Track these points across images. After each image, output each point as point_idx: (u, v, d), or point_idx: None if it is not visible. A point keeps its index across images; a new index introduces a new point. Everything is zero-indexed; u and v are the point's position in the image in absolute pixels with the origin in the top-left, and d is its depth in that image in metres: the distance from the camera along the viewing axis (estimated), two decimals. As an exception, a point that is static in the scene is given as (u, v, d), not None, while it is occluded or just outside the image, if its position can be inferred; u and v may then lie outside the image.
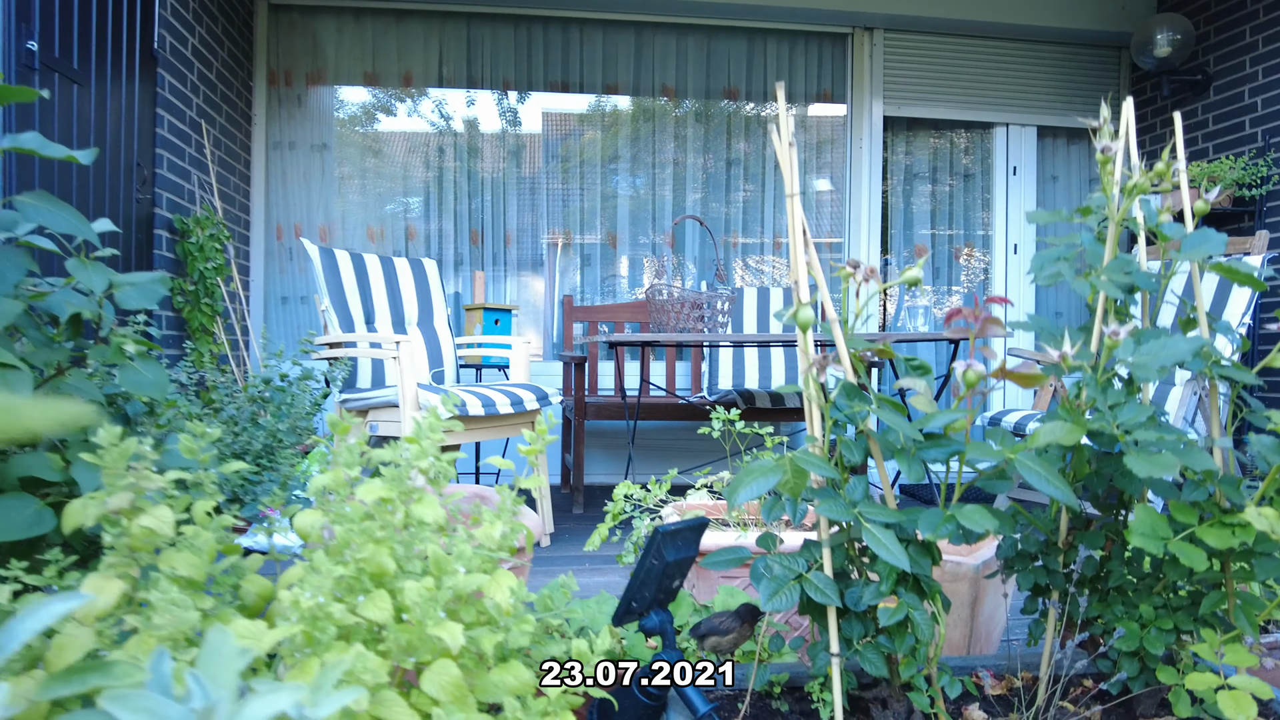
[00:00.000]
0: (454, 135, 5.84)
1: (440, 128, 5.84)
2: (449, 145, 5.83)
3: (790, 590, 1.29)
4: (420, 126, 5.82)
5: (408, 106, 5.79)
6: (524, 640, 1.13)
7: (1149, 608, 1.41)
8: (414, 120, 5.81)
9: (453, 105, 5.82)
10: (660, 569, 1.34)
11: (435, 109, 5.82)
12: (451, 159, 5.82)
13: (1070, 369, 1.26)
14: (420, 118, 5.82)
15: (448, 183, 5.79)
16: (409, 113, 5.80)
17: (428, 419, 1.29)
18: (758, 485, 1.23)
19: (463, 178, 5.80)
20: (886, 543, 1.19)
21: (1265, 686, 1.17)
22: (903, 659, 1.34)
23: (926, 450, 1.27)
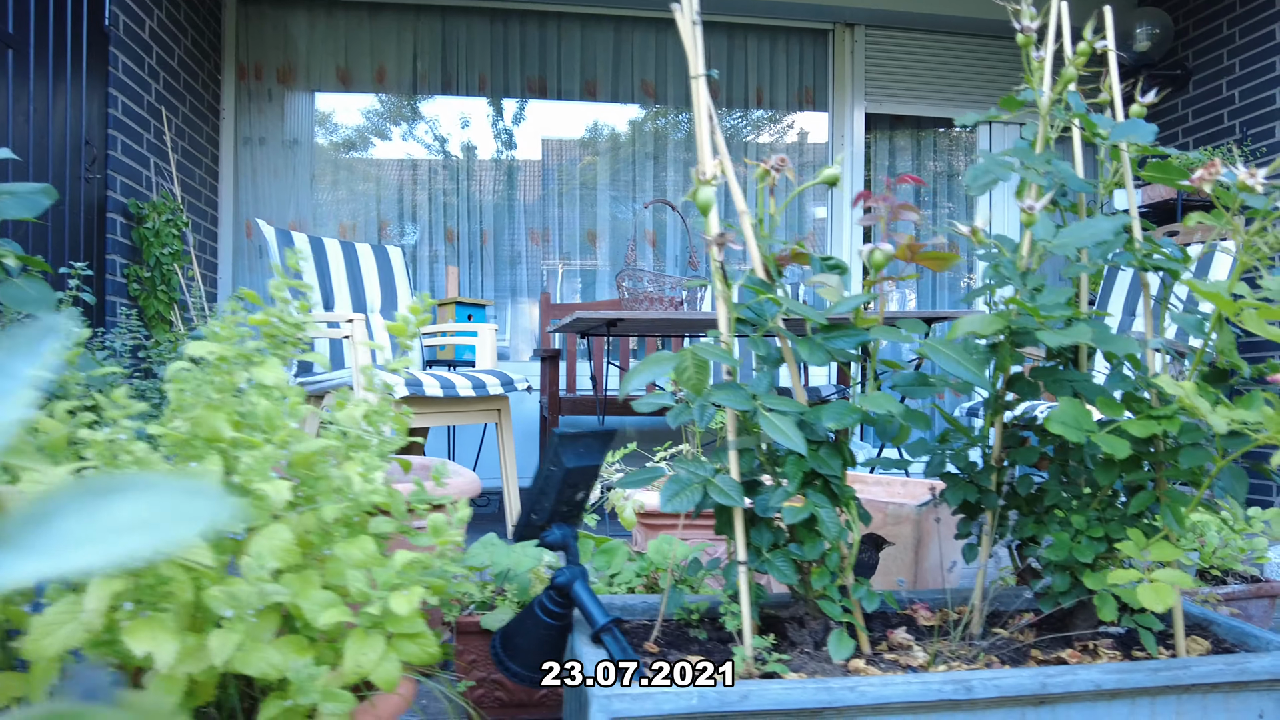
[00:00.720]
0: (429, 131, 5.80)
1: (415, 124, 5.80)
2: (424, 141, 5.79)
3: (692, 492, 1.21)
4: (394, 123, 5.78)
5: (381, 102, 5.75)
6: (388, 526, 1.05)
7: (1081, 518, 1.33)
8: (388, 116, 5.77)
9: (427, 101, 5.79)
10: (560, 476, 1.26)
11: (409, 105, 5.79)
12: (426, 155, 5.78)
13: (981, 243, 1.19)
14: (394, 114, 5.78)
15: (422, 179, 5.74)
16: (382, 109, 5.76)
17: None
18: (651, 372, 1.15)
19: (438, 174, 5.76)
20: (783, 427, 1.11)
21: (1184, 576, 1.09)
22: (814, 568, 1.26)
23: (832, 338, 1.20)
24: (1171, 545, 1.17)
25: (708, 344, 1.19)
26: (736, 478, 1.27)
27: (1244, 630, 1.40)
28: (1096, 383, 1.35)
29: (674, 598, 1.40)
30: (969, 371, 1.10)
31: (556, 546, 1.30)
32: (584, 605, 1.26)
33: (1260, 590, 2.02)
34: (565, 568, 1.29)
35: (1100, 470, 1.29)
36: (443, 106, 5.81)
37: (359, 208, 5.68)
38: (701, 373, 1.21)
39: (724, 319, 1.26)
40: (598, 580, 1.86)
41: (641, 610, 1.49)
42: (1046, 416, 1.18)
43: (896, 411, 1.10)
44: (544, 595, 1.31)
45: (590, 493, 1.34)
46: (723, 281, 1.21)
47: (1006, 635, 1.40)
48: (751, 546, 1.29)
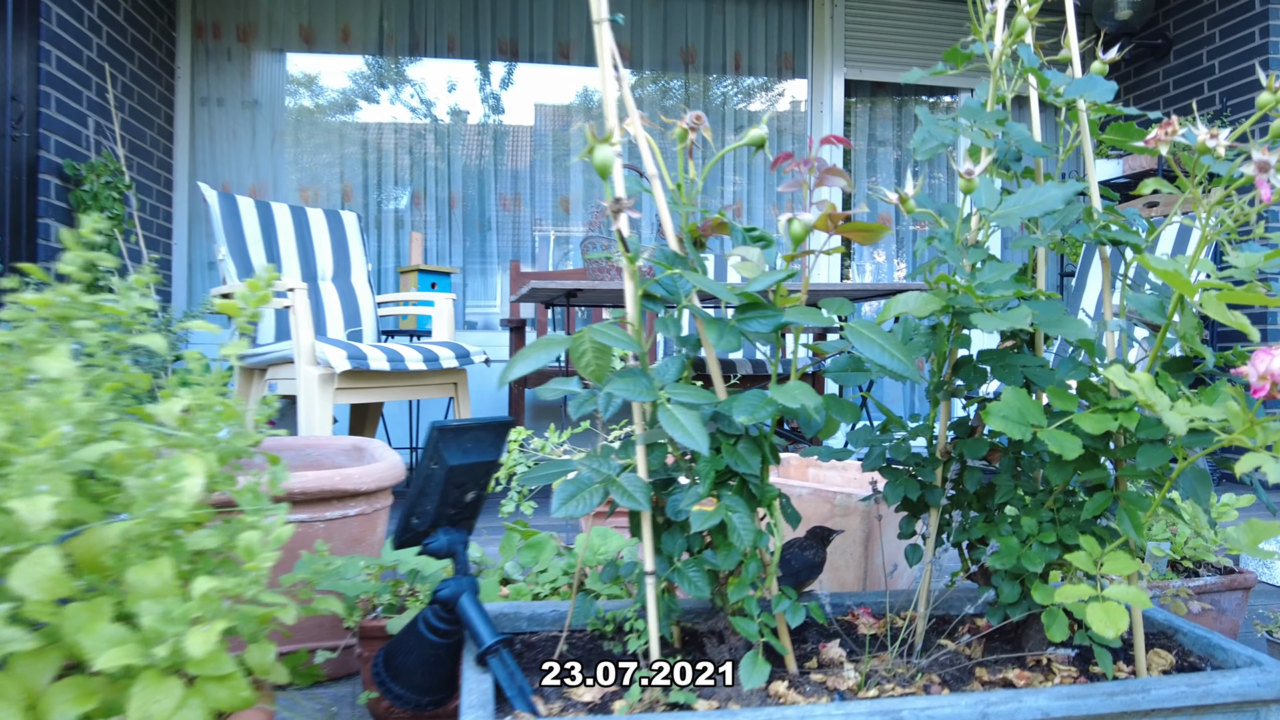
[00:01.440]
0: (396, 94, 5.60)
1: (382, 87, 5.60)
2: (391, 105, 5.59)
3: (591, 494, 1.07)
4: (360, 85, 5.58)
5: (346, 64, 5.54)
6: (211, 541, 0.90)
7: (1032, 520, 1.19)
8: (353, 78, 5.56)
9: (394, 63, 5.58)
10: (442, 475, 1.12)
11: (376, 67, 5.58)
12: (393, 119, 5.58)
13: (910, 213, 1.04)
14: (360, 76, 5.57)
15: (388, 144, 5.54)
16: (348, 70, 5.55)
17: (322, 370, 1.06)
18: (539, 357, 1.00)
19: (405, 138, 5.56)
20: (685, 423, 0.97)
21: (1141, 594, 0.95)
22: (731, 579, 1.12)
23: (747, 320, 1.05)
24: (1129, 557, 1.03)
25: (606, 326, 1.04)
26: (645, 477, 1.12)
27: (1211, 642, 1.27)
28: (1050, 369, 1.20)
29: (584, 606, 1.26)
30: (895, 360, 0.95)
31: (442, 554, 1.16)
32: (470, 622, 1.12)
33: (1234, 582, 1.90)
34: (451, 579, 1.15)
35: (1053, 469, 1.15)
36: (410, 69, 5.60)
37: (322, 172, 5.48)
38: (602, 358, 1.07)
39: (630, 296, 1.11)
40: (523, 578, 1.73)
41: (552, 620, 1.35)
42: (984, 409, 1.03)
43: (811, 405, 0.95)
44: (428, 610, 1.17)
45: (484, 492, 1.19)
46: (625, 253, 1.06)
47: (952, 649, 1.27)
48: (663, 554, 1.15)
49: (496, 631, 1.12)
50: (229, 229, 3.53)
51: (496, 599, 1.66)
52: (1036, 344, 1.34)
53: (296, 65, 5.50)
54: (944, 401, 1.29)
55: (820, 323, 1.01)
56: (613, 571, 1.29)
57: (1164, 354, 1.08)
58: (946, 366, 1.27)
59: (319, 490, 1.80)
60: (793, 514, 1.23)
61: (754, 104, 6.19)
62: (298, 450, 2.43)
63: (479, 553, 1.84)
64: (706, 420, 1.12)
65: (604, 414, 1.10)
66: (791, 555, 1.38)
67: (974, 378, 1.24)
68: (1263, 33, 4.77)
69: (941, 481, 1.30)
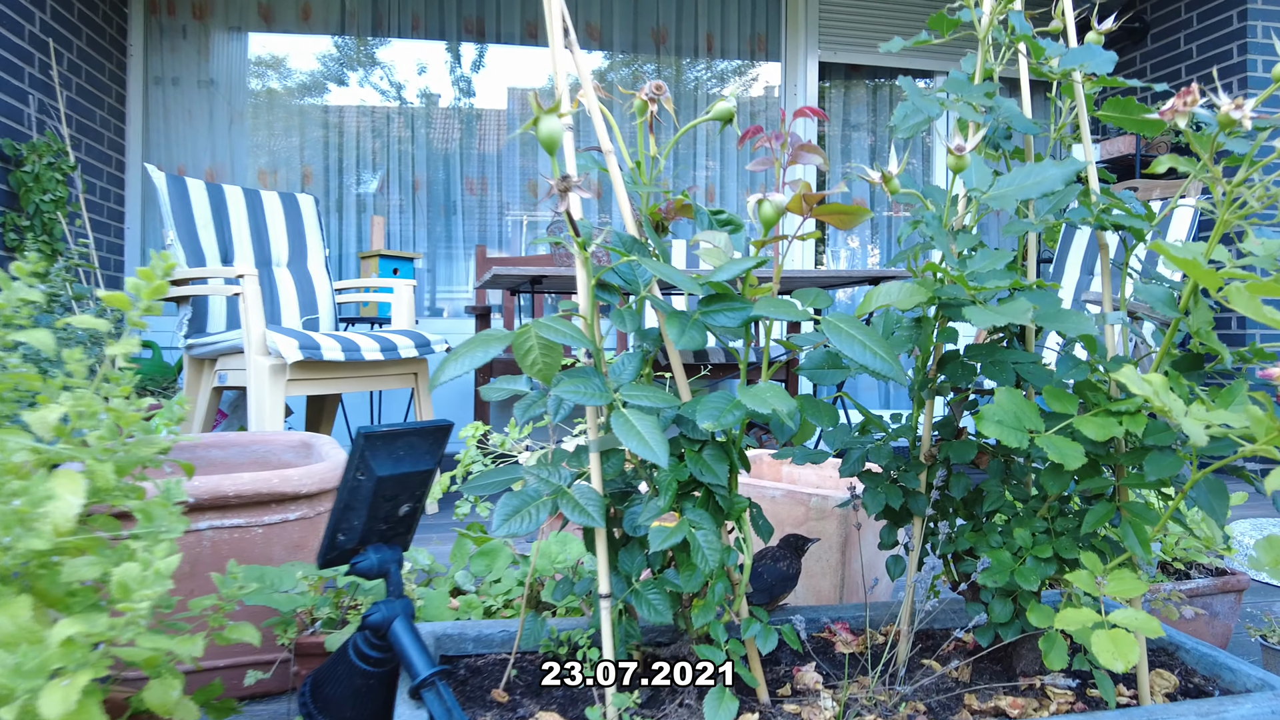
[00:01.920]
0: (359, 75, 5.42)
1: (344, 67, 5.42)
2: (353, 86, 5.41)
3: (537, 509, 0.95)
4: (322, 65, 5.39)
5: (307, 43, 5.35)
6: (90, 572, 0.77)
7: (1026, 532, 1.09)
8: (314, 58, 5.38)
9: (356, 42, 5.40)
10: (370, 487, 0.99)
11: (337, 46, 5.39)
12: (356, 100, 5.40)
13: (894, 193, 0.92)
14: (321, 56, 5.39)
15: (350, 126, 5.37)
16: (308, 50, 5.36)
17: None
18: (474, 357, 0.88)
19: (368, 119, 5.39)
20: (641, 429, 0.85)
21: (1153, 621, 0.85)
22: (695, 601, 1.01)
23: (712, 313, 0.93)
24: (1134, 576, 0.93)
25: (554, 320, 0.92)
26: (599, 488, 1.00)
27: (1216, 660, 1.17)
28: (1045, 366, 1.10)
29: (534, 627, 1.14)
30: (877, 358, 0.84)
31: (372, 575, 1.03)
32: (403, 651, 1.00)
33: (1226, 585, 1.81)
34: (382, 602, 1.03)
35: (1049, 476, 1.04)
36: (373, 49, 5.43)
37: (282, 155, 5.30)
38: (551, 356, 0.95)
39: (582, 286, 0.99)
40: (474, 588, 1.61)
41: (501, 641, 1.23)
42: (978, 412, 0.92)
43: (783, 409, 0.83)
44: (358, 636, 1.05)
45: (421, 504, 1.07)
46: (575, 237, 0.93)
47: (938, 672, 1.16)
48: (620, 572, 1.04)
49: (433, 661, 1.00)
50: (178, 212, 3.37)
51: (445, 612, 1.54)
52: (1027, 338, 1.23)
53: (255, 44, 5.31)
54: (928, 401, 1.18)
55: (794, 315, 0.89)
56: (567, 587, 1.17)
57: (1173, 351, 0.97)
58: (931, 363, 1.16)
59: (255, 493, 1.67)
60: (764, 525, 1.12)
61: (727, 88, 6.06)
62: (242, 447, 2.29)
63: (429, 560, 1.71)
64: (668, 425, 1.00)
65: (553, 418, 0.99)
66: (763, 567, 1.27)
67: (961, 375, 1.14)
68: (1240, 16, 4.70)
69: (926, 488, 1.19)
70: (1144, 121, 1.14)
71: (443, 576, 1.69)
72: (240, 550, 1.65)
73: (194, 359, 3.30)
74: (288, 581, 1.50)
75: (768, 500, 1.67)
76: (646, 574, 1.10)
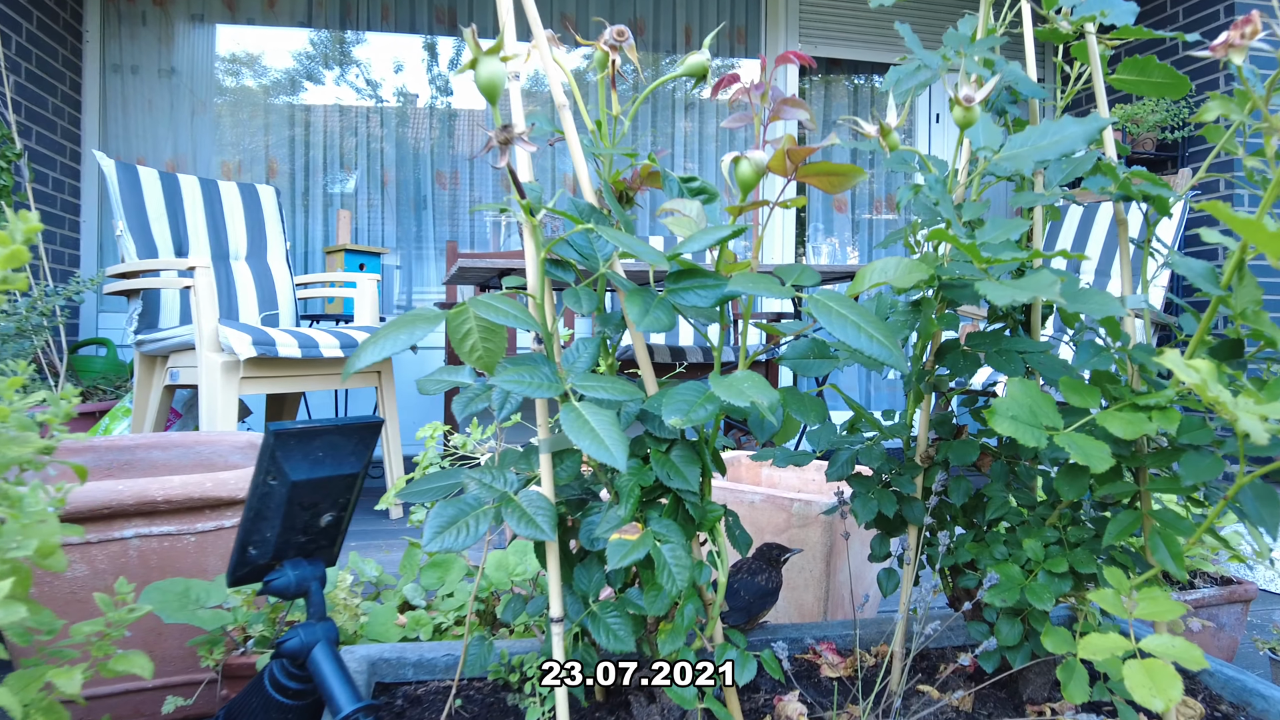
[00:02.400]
0: (326, 65, 5.25)
1: (310, 57, 5.25)
2: (320, 76, 5.25)
3: (476, 520, 0.81)
4: (287, 55, 5.22)
5: (272, 32, 5.18)
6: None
7: (1036, 543, 0.96)
8: (280, 48, 5.21)
9: (324, 32, 5.23)
10: (284, 493, 0.85)
11: (304, 36, 5.23)
12: (323, 91, 5.23)
13: (894, 149, 0.79)
14: (287, 45, 5.21)
15: (317, 117, 5.20)
16: (274, 39, 5.19)
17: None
18: (396, 340, 0.75)
19: (335, 111, 5.22)
20: (596, 426, 0.71)
21: (1194, 650, 0.72)
22: (662, 625, 0.87)
23: (682, 290, 0.80)
24: (1167, 598, 0.80)
25: (495, 298, 0.78)
26: (551, 494, 0.87)
27: (1244, 686, 1.05)
28: (1059, 356, 0.97)
29: (480, 652, 1.00)
30: (874, 342, 0.71)
31: (289, 594, 0.89)
32: (324, 682, 0.86)
33: (1233, 595, 1.70)
34: (301, 626, 0.89)
35: (1064, 480, 0.91)
36: (342, 39, 5.26)
37: (246, 147, 5.13)
38: (493, 340, 0.81)
39: (531, 261, 0.85)
40: (423, 604, 1.47)
41: (445, 666, 1.09)
42: (989, 406, 0.79)
43: (764, 402, 0.70)
44: (274, 664, 0.91)
45: (346, 513, 0.93)
46: (521, 200, 0.80)
47: (937, 701, 1.04)
48: (576, 592, 0.90)
49: (359, 695, 0.86)
50: (128, 202, 3.20)
51: (391, 630, 1.40)
52: (1033, 325, 1.11)
53: (219, 33, 5.13)
54: (926, 395, 1.06)
55: (776, 292, 0.76)
56: (519, 606, 1.03)
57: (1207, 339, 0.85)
58: (929, 352, 1.04)
59: (186, 498, 1.52)
60: (742, 536, 0.99)
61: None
62: (186, 448, 2.14)
63: (377, 571, 1.57)
64: (630, 422, 0.87)
65: (498, 413, 0.85)
66: (740, 582, 1.14)
67: (963, 366, 1.01)
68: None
69: (922, 493, 1.07)
70: (1165, 83, 1.02)
71: (392, 589, 1.55)
72: (170, 561, 1.51)
73: (144, 356, 3.14)
74: (216, 595, 1.36)
75: (746, 506, 1.54)
76: (609, 592, 0.97)
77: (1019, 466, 1.08)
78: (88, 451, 1.98)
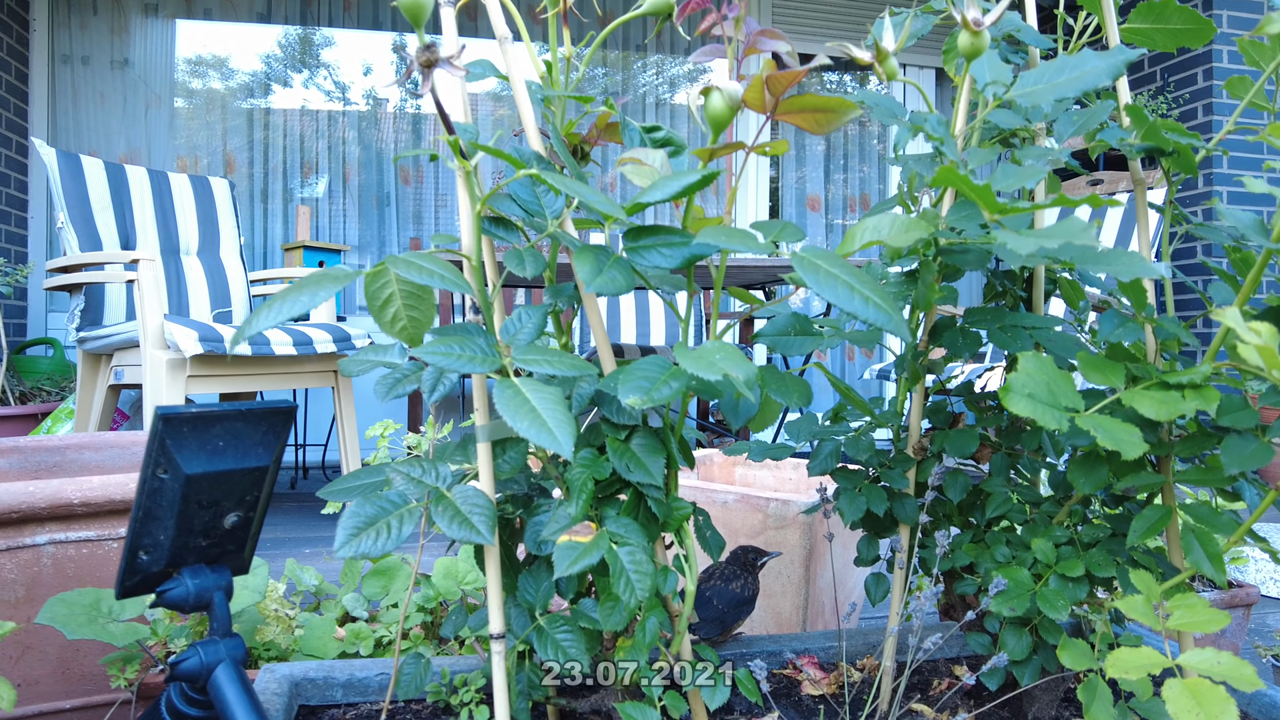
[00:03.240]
0: (284, 56, 5.09)
1: (269, 49, 5.09)
2: (278, 68, 5.09)
3: (400, 520, 0.68)
4: (245, 47, 5.06)
5: (228, 24, 5.02)
6: None
7: (1046, 543, 0.85)
8: (235, 37, 5.04)
9: (282, 19, 5.07)
10: (178, 490, 0.72)
11: (263, 26, 5.07)
12: (281, 83, 5.07)
13: (891, 76, 0.68)
14: (246, 36, 5.05)
15: (277, 110, 5.04)
16: (232, 30, 5.03)
17: None
18: (295, 302, 0.62)
19: (295, 105, 5.06)
20: (538, 405, 0.59)
21: (1246, 668, 0.61)
22: (620, 641, 0.75)
23: (643, 248, 0.67)
24: (1205, 605, 0.69)
25: (421, 256, 0.66)
26: (490, 490, 0.74)
27: (1276, 703, 0.94)
28: (1066, 334, 0.86)
29: (415, 671, 0.87)
30: (871, 304, 0.59)
31: (188, 606, 0.76)
32: (226, 710, 0.73)
33: (1235, 599, 1.60)
34: (201, 644, 0.76)
35: (1079, 471, 0.80)
36: (303, 31, 5.11)
37: (203, 141, 4.96)
38: (418, 308, 0.69)
39: (466, 214, 0.73)
40: (365, 615, 1.33)
41: (380, 687, 0.96)
42: (1003, 385, 0.68)
43: (740, 375, 0.58)
44: (171, 689, 0.78)
45: (257, 512, 0.80)
46: (449, 136, 0.67)
47: (930, 716, 0.92)
48: (522, 603, 0.78)
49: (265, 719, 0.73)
50: (70, 193, 3.04)
51: (329, 645, 1.26)
52: (1035, 301, 1.00)
53: (175, 25, 4.96)
54: (920, 379, 0.94)
55: (752, 247, 0.64)
56: (461, 619, 0.91)
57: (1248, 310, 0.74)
58: (923, 329, 0.92)
59: (107, 500, 1.38)
60: (714, 538, 0.87)
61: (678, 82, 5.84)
62: (122, 448, 1.99)
63: (317, 579, 1.44)
64: (584, 405, 0.75)
65: (428, 395, 0.72)
66: (712, 590, 1.02)
67: (962, 345, 0.89)
68: (1205, 5, 4.58)
69: (915, 489, 0.95)
70: (1187, 30, 0.91)
71: (334, 600, 1.41)
72: (90, 570, 1.37)
73: (88, 354, 2.98)
74: (132, 608, 1.22)
75: (718, 507, 1.42)
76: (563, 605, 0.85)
77: (1022, 459, 0.97)
78: (12, 453, 1.83)
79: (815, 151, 6.02)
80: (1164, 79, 4.79)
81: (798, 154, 6.00)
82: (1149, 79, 4.90)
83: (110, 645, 1.31)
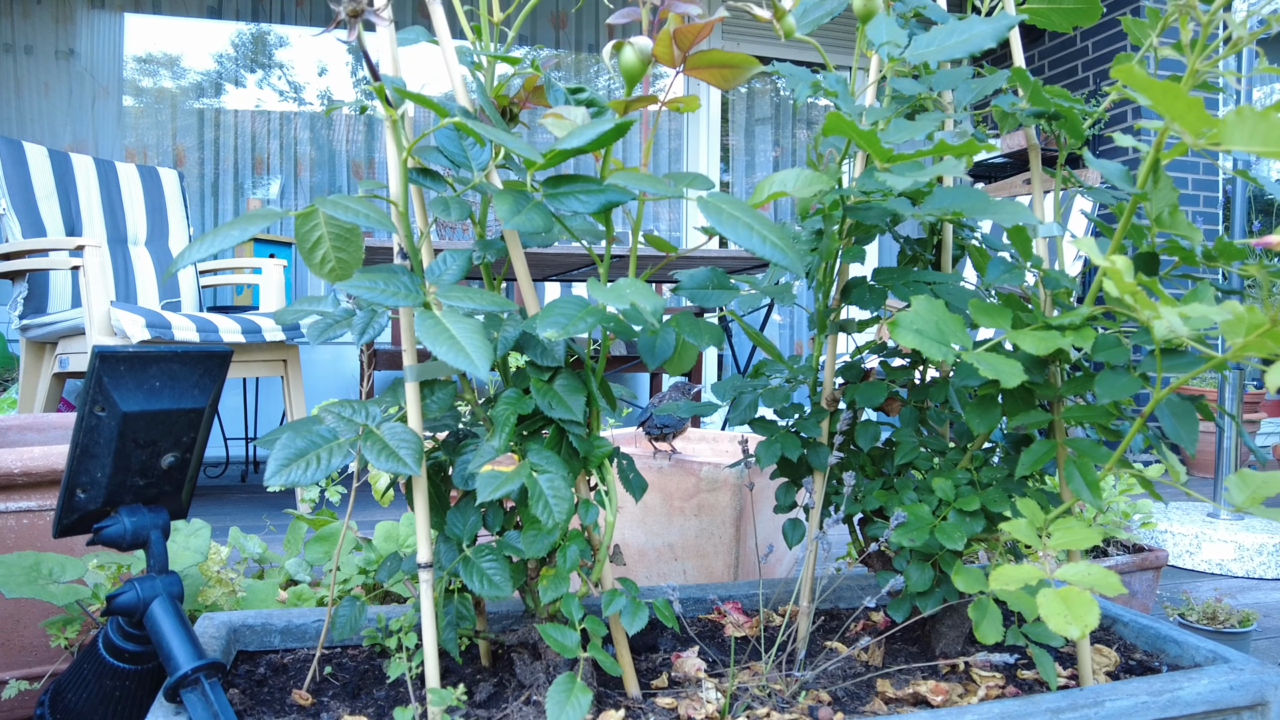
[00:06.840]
0: (236, 49, 5.07)
1: (218, 40, 5.06)
2: (229, 61, 5.06)
3: (329, 453, 0.72)
4: (195, 37, 5.02)
5: (178, 17, 4.98)
6: None
7: (947, 483, 0.90)
8: (184, 29, 5.01)
9: (233, 14, 5.05)
10: (115, 427, 0.76)
11: (211, 18, 5.03)
12: (230, 71, 5.05)
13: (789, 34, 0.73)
14: (196, 27, 5.01)
15: (227, 99, 5.01)
16: (183, 20, 4.99)
17: None
18: (226, 236, 0.66)
19: (245, 97, 5.04)
20: (453, 328, 0.63)
21: (1111, 576, 0.67)
22: (544, 570, 0.79)
23: (563, 195, 0.72)
24: (1083, 527, 0.75)
25: (349, 198, 0.70)
26: (417, 426, 0.78)
27: (1159, 633, 1.01)
28: (966, 288, 0.92)
29: (351, 614, 0.91)
30: (769, 243, 0.64)
31: (124, 544, 0.79)
32: (162, 640, 0.76)
33: (1145, 561, 1.68)
34: (137, 579, 0.79)
35: (974, 411, 0.86)
36: (254, 22, 5.08)
37: (151, 133, 4.91)
38: (345, 249, 0.73)
39: (394, 163, 0.77)
40: (308, 579, 1.36)
41: (315, 633, 1.00)
42: (892, 319, 0.73)
43: (648, 307, 0.63)
44: (108, 624, 0.81)
45: (196, 450, 0.83)
46: (375, 83, 0.71)
47: (845, 654, 0.97)
48: (450, 538, 0.82)
49: (201, 653, 0.76)
50: (12, 180, 3.02)
51: (273, 606, 1.29)
52: (943, 261, 1.06)
53: (122, 18, 4.91)
54: (831, 335, 1.00)
55: (665, 192, 0.69)
56: (395, 564, 0.94)
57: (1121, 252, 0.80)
58: (835, 288, 0.98)
59: (49, 470, 1.40)
60: (637, 480, 0.91)
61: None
62: (65, 430, 2.00)
63: (261, 548, 1.46)
64: (509, 347, 0.79)
65: (357, 337, 0.76)
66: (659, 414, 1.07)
67: (869, 300, 0.95)
68: (1135, 13, 4.73)
69: (828, 438, 1.01)
70: (1077, 9, 0.98)
71: (277, 567, 1.44)
72: (31, 540, 1.39)
73: (31, 342, 2.95)
74: (73, 570, 1.24)
75: (654, 472, 1.47)
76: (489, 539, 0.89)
77: (929, 410, 1.03)
78: (-48, 434, 1.83)
79: (766, 153, 6.10)
80: (1095, 84, 4.94)
81: (747, 158, 6.07)
82: (1083, 84, 5.05)
83: (51, 609, 1.32)
